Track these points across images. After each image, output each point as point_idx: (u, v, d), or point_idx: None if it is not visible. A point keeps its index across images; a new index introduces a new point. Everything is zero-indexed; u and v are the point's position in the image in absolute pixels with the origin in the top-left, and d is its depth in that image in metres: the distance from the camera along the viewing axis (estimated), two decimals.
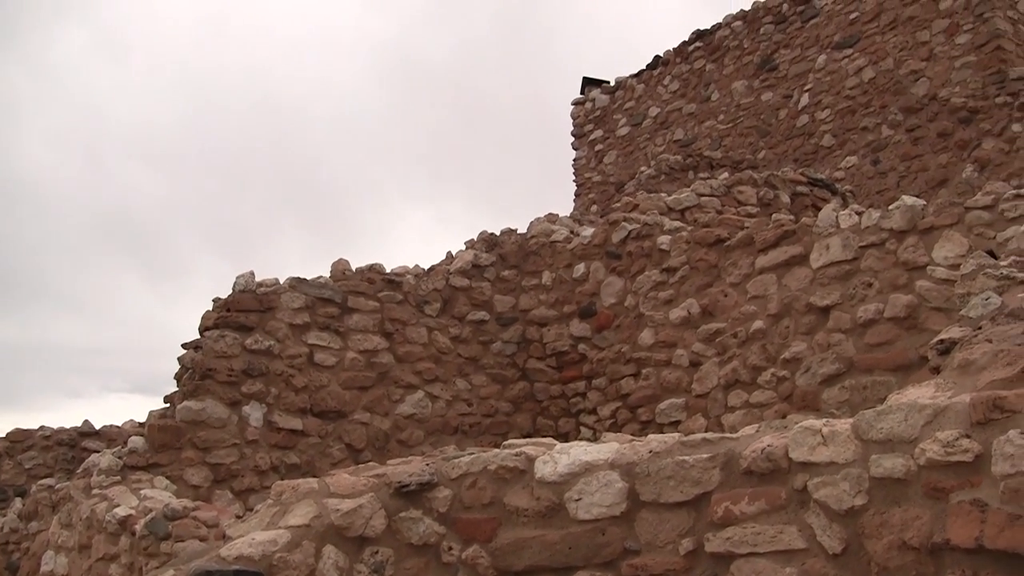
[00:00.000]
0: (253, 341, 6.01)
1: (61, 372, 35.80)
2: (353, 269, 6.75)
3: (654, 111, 16.00)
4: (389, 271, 6.91)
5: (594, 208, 14.40)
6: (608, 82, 17.12)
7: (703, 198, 8.23)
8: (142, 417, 6.43)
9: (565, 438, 6.81)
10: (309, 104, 47.54)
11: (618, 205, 8.24)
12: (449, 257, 7.62)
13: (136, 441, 5.62)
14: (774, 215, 6.65)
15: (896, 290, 5.30)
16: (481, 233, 7.79)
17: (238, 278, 6.14)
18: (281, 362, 6.10)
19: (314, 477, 3.26)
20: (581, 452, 2.90)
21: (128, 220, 39.65)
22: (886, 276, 5.36)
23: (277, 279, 6.29)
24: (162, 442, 5.62)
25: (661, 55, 16.19)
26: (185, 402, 5.74)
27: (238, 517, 4.39)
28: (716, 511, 2.63)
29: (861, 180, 12.19)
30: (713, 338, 6.30)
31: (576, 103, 17.36)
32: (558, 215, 8.08)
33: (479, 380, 7.14)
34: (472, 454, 3.05)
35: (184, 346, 6.08)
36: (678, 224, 7.17)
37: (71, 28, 44.98)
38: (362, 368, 6.52)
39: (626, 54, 44.35)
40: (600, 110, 16.90)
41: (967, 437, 2.19)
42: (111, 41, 46.40)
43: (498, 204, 42.86)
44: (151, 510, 4.71)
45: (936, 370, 2.88)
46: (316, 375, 6.29)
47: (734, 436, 2.80)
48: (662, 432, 4.78)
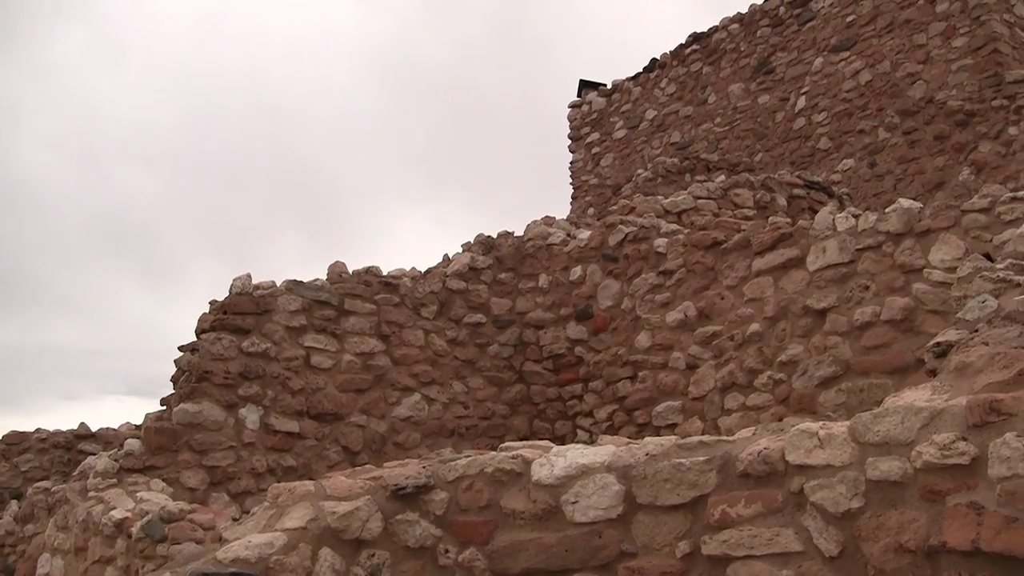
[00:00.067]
0: (250, 344, 6.01)
1: (57, 374, 35.77)
2: (350, 271, 6.75)
3: (651, 114, 16.01)
4: (386, 273, 6.91)
5: (591, 211, 14.38)
6: (605, 85, 17.13)
7: (700, 201, 8.24)
8: (138, 419, 6.41)
9: (562, 441, 6.82)
10: (306, 105, 47.62)
11: (615, 208, 8.24)
12: (446, 260, 7.61)
13: (132, 444, 5.61)
14: (771, 218, 6.65)
15: (893, 293, 5.30)
16: (478, 236, 7.79)
17: (235, 280, 6.14)
18: (278, 364, 6.10)
19: (310, 480, 3.26)
20: (578, 455, 2.90)
21: (125, 222, 39.66)
22: (883, 279, 5.37)
23: (274, 282, 6.28)
24: (158, 445, 5.61)
25: (658, 58, 16.22)
26: (181, 405, 5.73)
27: (234, 520, 4.38)
28: (713, 514, 2.63)
29: (858, 183, 12.21)
30: (710, 341, 6.30)
31: (573, 106, 17.36)
32: (555, 218, 8.08)
33: (476, 383, 7.14)
34: (469, 457, 3.05)
35: (181, 348, 6.07)
36: (675, 227, 7.18)
37: (69, 29, 44.99)
38: (359, 371, 6.51)
39: (623, 57, 44.44)
40: (597, 113, 16.91)
41: (963, 440, 2.20)
42: (109, 42, 46.45)
43: (495, 206, 42.92)
44: (147, 513, 4.70)
45: (933, 373, 2.88)
46: (313, 377, 6.28)
47: (731, 439, 2.80)
48: (659, 435, 4.79)
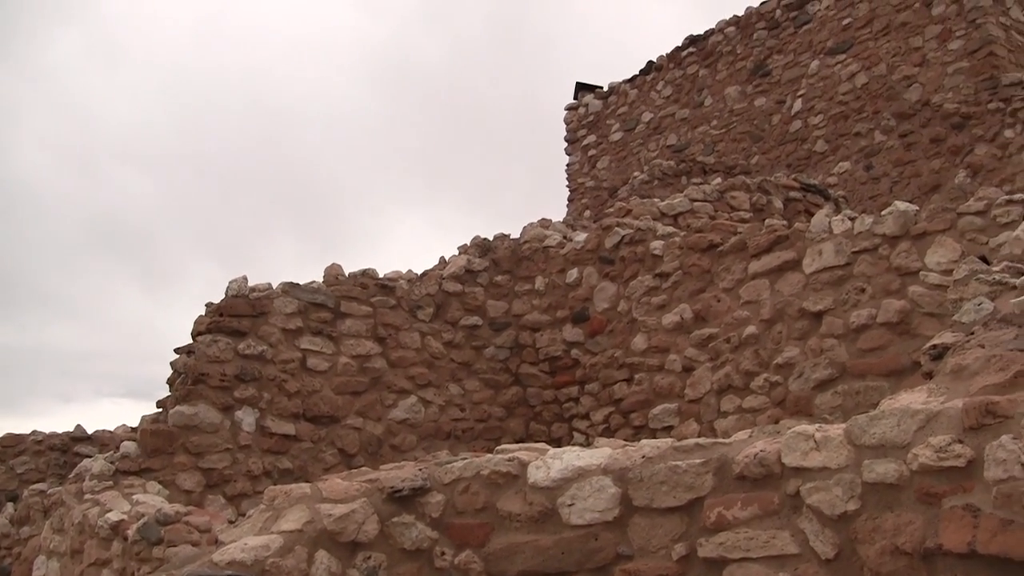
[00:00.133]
0: (246, 346, 6.00)
1: (54, 376, 35.68)
2: (346, 274, 6.75)
3: (647, 116, 16.02)
4: (382, 276, 6.90)
5: (587, 213, 14.39)
6: (601, 87, 17.12)
7: (696, 203, 8.25)
8: (135, 422, 6.39)
9: (558, 443, 6.82)
10: (303, 107, 47.57)
11: (611, 210, 8.25)
12: (442, 262, 7.61)
13: (128, 446, 5.60)
14: (767, 220, 6.66)
15: (889, 295, 5.31)
16: (474, 238, 7.79)
17: (231, 283, 6.13)
18: (274, 367, 6.09)
19: (307, 482, 3.25)
20: (574, 457, 2.90)
21: (123, 223, 39.64)
22: (879, 281, 5.37)
23: (270, 284, 6.28)
24: (154, 447, 5.60)
25: (654, 60, 16.22)
26: (178, 407, 5.72)
27: (231, 522, 4.38)
28: (709, 516, 2.63)
29: (854, 185, 12.23)
30: (706, 343, 6.31)
31: (569, 108, 17.35)
32: (551, 220, 8.08)
33: (472, 385, 7.13)
34: (465, 459, 3.05)
35: (177, 351, 6.06)
36: (671, 229, 7.18)
37: (66, 31, 44.96)
38: (355, 373, 6.51)
39: (620, 59, 44.49)
40: (593, 115, 16.91)
41: (960, 442, 2.20)
42: (107, 43, 46.41)
43: (492, 208, 42.89)
44: (143, 515, 4.69)
45: (929, 375, 2.88)
46: (309, 380, 6.27)
47: (727, 441, 2.80)
48: (655, 437, 4.79)
